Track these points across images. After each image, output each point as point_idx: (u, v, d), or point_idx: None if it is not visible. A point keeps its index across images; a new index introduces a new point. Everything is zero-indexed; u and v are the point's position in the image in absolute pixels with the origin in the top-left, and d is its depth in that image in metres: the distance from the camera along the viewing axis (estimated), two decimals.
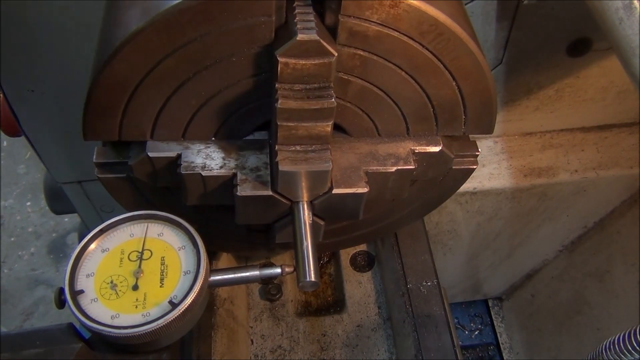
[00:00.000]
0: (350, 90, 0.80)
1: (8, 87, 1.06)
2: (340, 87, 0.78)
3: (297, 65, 0.71)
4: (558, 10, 1.14)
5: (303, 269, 0.77)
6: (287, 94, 0.73)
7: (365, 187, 0.82)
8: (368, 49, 0.75)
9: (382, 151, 0.86)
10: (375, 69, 0.77)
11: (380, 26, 0.72)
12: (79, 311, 0.72)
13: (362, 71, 0.78)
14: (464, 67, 0.78)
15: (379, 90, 0.80)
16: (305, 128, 0.75)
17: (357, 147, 0.86)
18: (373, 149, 0.86)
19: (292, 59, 0.70)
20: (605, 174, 1.46)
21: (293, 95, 0.73)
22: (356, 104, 0.82)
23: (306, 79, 0.72)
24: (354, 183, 0.82)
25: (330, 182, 0.81)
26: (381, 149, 0.86)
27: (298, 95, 0.73)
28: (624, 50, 0.74)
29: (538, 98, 1.37)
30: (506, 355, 2.06)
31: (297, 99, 0.73)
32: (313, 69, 0.72)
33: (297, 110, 0.73)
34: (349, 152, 0.86)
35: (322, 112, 0.74)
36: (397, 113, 0.84)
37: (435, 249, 1.64)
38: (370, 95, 0.81)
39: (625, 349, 0.79)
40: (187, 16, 0.68)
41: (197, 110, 0.80)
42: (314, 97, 0.73)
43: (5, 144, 3.01)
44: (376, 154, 0.86)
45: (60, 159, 1.23)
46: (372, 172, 0.84)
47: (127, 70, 0.73)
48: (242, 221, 0.86)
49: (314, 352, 1.19)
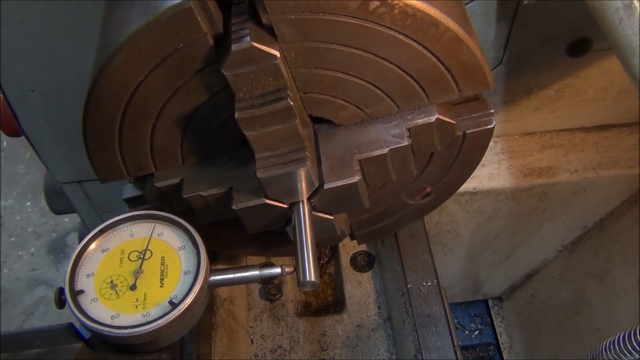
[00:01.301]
0: (316, 83, 0.79)
1: (8, 87, 1.06)
2: (304, 81, 0.77)
3: (244, 75, 0.71)
4: (558, 10, 1.14)
5: (303, 269, 0.77)
6: (244, 105, 0.74)
7: (356, 175, 0.81)
8: (314, 39, 0.73)
9: (373, 135, 0.84)
10: (331, 56, 0.75)
11: (315, 14, 0.71)
12: (79, 311, 0.72)
13: (319, 61, 0.76)
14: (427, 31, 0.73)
15: (347, 75, 0.78)
16: (272, 132, 0.75)
17: (346, 135, 0.85)
18: (364, 135, 0.84)
19: (237, 69, 0.71)
20: (605, 174, 1.46)
21: (251, 103, 0.74)
22: (329, 94, 0.80)
23: (260, 84, 0.73)
24: (344, 174, 0.81)
25: (320, 177, 0.81)
26: (372, 132, 0.84)
27: (256, 103, 0.74)
28: (624, 50, 0.74)
29: (538, 98, 1.37)
30: (506, 355, 2.06)
31: (255, 106, 0.73)
32: (262, 73, 0.72)
33: (256, 117, 0.74)
34: (340, 142, 0.84)
35: (282, 114, 0.74)
36: (376, 93, 0.81)
37: (435, 249, 1.64)
38: (339, 81, 0.79)
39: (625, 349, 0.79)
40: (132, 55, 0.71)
41: (183, 135, 0.82)
42: (269, 101, 0.73)
43: (5, 144, 3.01)
44: (368, 138, 0.83)
45: (60, 159, 1.23)
46: (365, 158, 0.82)
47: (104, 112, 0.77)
48: (252, 230, 0.87)
49: (314, 352, 1.19)
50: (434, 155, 0.92)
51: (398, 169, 0.86)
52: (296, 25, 0.71)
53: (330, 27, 0.72)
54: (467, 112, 0.86)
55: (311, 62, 0.76)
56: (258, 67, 0.71)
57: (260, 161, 0.78)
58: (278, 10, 0.69)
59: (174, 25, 0.69)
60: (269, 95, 0.73)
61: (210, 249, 0.83)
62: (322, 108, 0.82)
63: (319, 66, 0.77)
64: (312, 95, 0.79)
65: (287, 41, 0.73)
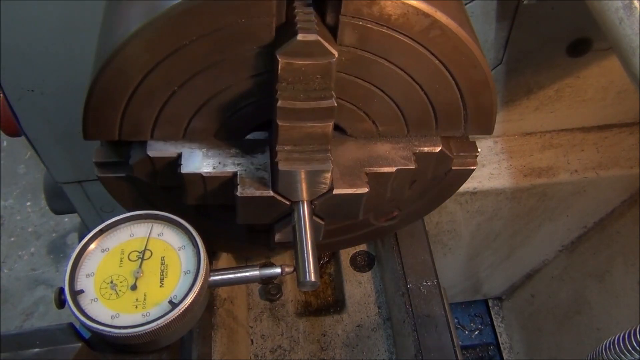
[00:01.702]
0: (351, 90, 0.80)
1: (8, 87, 1.06)
2: (340, 87, 0.78)
3: (297, 66, 0.71)
4: (558, 10, 1.14)
5: (303, 269, 0.77)
6: (287, 94, 0.73)
7: (365, 187, 0.82)
8: (368, 49, 0.75)
9: (382, 151, 0.86)
10: (375, 69, 0.77)
11: (381, 26, 0.72)
12: (79, 311, 0.72)
13: (363, 71, 0.78)
14: (465, 69, 0.78)
15: (379, 90, 0.80)
16: (306, 128, 0.75)
17: (357, 147, 0.86)
18: (373, 149, 0.86)
19: (292, 59, 0.70)
20: (605, 174, 1.46)
21: (293, 95, 0.73)
22: (356, 104, 0.82)
23: (307, 79, 0.72)
24: (355, 183, 0.82)
25: (331, 182, 0.81)
26: (381, 149, 0.86)
27: (298, 96, 0.73)
28: (624, 50, 0.74)
29: (538, 98, 1.37)
30: (506, 355, 2.06)
31: (298, 99, 0.73)
32: (314, 69, 0.72)
33: (297, 110, 0.73)
34: (349, 152, 0.86)
35: (322, 112, 0.74)
36: (397, 113, 0.84)
37: (435, 249, 1.64)
38: (371, 95, 0.81)
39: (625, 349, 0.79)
40: (188, 16, 0.68)
41: (198, 110, 0.80)
42: (314, 97, 0.73)
43: (5, 144, 3.01)
44: (376, 154, 0.86)
45: (60, 159, 1.23)
46: (373, 173, 0.84)
47: (128, 70, 0.73)
48: (242, 221, 0.86)
49: (314, 352, 1.19)
50: (415, 183, 0.95)
51: (394, 189, 0.88)
52: (360, 32, 0.73)
53: (388, 42, 0.74)
54: (455, 149, 0.90)
55: (356, 70, 0.77)
56: (313, 61, 0.71)
57: (282, 153, 0.77)
58: (351, 12, 0.70)
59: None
60: (312, 91, 0.73)
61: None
62: (344, 116, 0.83)
63: (360, 75, 0.78)
64: (340, 101, 0.79)
65: (344, 44, 0.74)
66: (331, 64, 0.71)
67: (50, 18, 0.96)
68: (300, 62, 0.71)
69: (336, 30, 0.72)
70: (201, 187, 0.82)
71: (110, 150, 0.84)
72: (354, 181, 0.82)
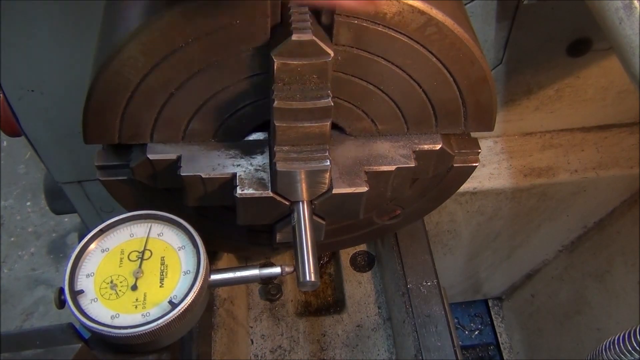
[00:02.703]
0: (348, 89, 0.80)
1: (8, 87, 1.06)
2: (337, 86, 0.78)
3: (293, 66, 0.71)
4: (558, 10, 1.14)
5: (303, 269, 0.77)
6: (283, 95, 0.73)
7: (365, 186, 0.82)
8: (364, 48, 0.75)
9: (382, 150, 0.86)
10: (372, 68, 0.77)
11: (376, 25, 0.72)
12: (78, 311, 0.72)
13: (360, 70, 0.78)
14: (463, 65, 0.78)
15: (377, 89, 0.80)
16: (303, 128, 0.75)
17: (356, 146, 0.86)
18: (372, 148, 0.86)
19: (288, 59, 0.70)
20: (605, 174, 1.46)
21: (290, 95, 0.73)
22: (354, 103, 0.82)
23: (303, 79, 0.73)
24: (354, 182, 0.82)
25: (330, 181, 0.81)
26: (381, 147, 0.86)
27: (295, 96, 0.73)
28: (624, 50, 0.74)
29: (538, 98, 1.37)
30: (506, 355, 2.06)
31: (294, 99, 0.73)
32: (309, 69, 0.72)
33: (293, 110, 0.73)
34: (348, 151, 0.86)
35: (319, 112, 0.74)
36: (396, 112, 0.84)
37: (435, 249, 1.64)
38: (368, 94, 0.81)
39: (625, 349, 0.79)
40: (183, 19, 0.69)
41: (196, 112, 0.80)
42: (310, 97, 0.73)
43: (5, 144, 3.01)
44: (376, 152, 0.86)
45: (60, 159, 1.23)
46: (372, 171, 0.84)
47: (125, 73, 0.73)
48: (243, 222, 0.86)
49: (314, 352, 1.19)
50: (417, 181, 0.94)
51: (395, 187, 0.88)
52: (355, 31, 0.73)
53: (384, 41, 0.74)
54: (457, 146, 0.90)
55: (352, 69, 0.77)
56: (309, 61, 0.71)
57: (280, 154, 0.77)
58: (346, 12, 0.71)
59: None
60: (309, 91, 0.73)
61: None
62: (342, 115, 0.83)
63: (357, 74, 0.78)
64: (337, 100, 0.80)
65: (340, 44, 0.74)
66: (327, 64, 0.71)
67: (50, 18, 0.96)
68: (296, 62, 0.71)
69: (331, 29, 0.72)
70: (201, 189, 0.83)
71: (111, 153, 0.84)
72: (354, 180, 0.82)
